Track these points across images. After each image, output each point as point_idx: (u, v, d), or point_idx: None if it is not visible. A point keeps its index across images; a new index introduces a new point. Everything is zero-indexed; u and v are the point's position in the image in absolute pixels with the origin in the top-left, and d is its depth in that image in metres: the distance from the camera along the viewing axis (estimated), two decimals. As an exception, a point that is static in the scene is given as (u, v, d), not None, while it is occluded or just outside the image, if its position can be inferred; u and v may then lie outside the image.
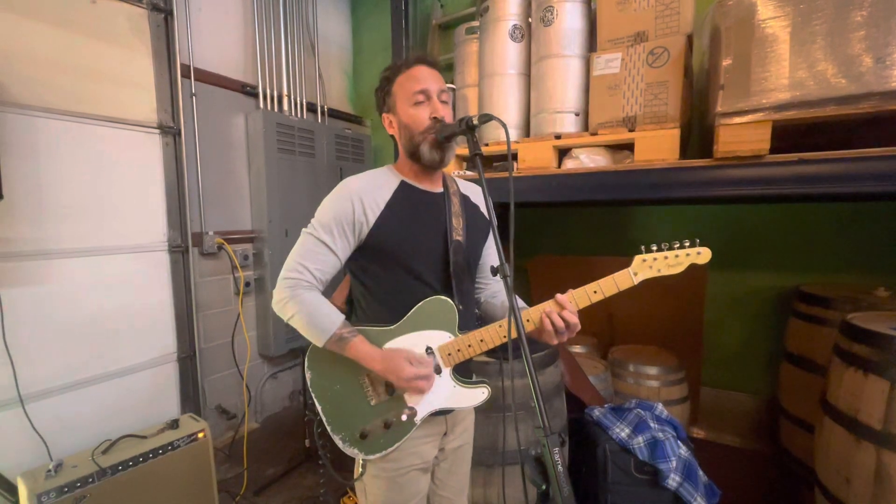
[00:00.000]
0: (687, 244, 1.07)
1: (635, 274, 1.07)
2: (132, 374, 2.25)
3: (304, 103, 3.19)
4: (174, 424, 2.09)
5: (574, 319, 1.04)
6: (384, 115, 1.19)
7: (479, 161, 1.00)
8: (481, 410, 1.57)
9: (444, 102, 1.15)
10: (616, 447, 1.71)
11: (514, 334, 0.87)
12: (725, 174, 1.47)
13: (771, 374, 2.48)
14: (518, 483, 1.57)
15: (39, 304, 1.92)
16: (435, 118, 1.11)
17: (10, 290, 1.81)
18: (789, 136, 1.45)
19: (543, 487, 0.80)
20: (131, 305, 2.25)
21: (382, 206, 1.11)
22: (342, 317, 1.08)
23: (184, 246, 2.47)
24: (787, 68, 1.32)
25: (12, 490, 1.65)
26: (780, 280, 2.43)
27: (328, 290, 1.16)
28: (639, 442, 1.67)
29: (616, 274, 1.07)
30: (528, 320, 1.08)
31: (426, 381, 1.05)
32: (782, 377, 2.28)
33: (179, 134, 2.43)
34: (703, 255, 1.07)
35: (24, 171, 1.85)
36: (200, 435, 2.08)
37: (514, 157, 1.90)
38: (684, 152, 1.77)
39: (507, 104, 1.97)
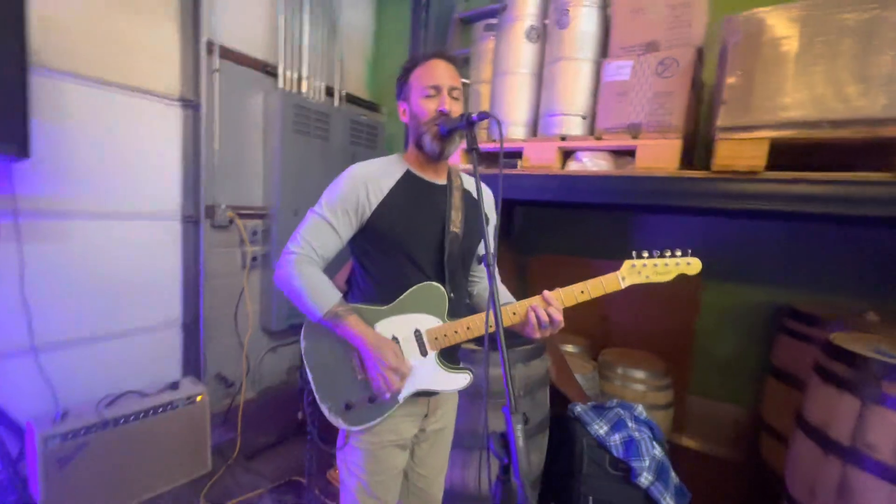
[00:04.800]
0: (679, 254, 1.11)
1: (623, 278, 1.12)
2: (139, 334, 2.35)
3: (323, 87, 3.25)
4: (175, 386, 2.20)
5: (558, 317, 1.10)
6: (400, 102, 1.24)
7: (475, 156, 1.05)
8: (467, 395, 1.64)
9: (454, 98, 1.20)
10: (593, 442, 1.77)
11: (498, 322, 0.92)
12: (721, 188, 1.51)
13: (757, 387, 2.51)
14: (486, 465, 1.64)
15: (57, 261, 2.02)
16: (441, 111, 1.16)
17: (32, 246, 1.91)
18: (793, 155, 1.48)
19: (506, 461, 0.87)
20: (143, 269, 2.34)
21: (386, 192, 1.16)
22: (339, 294, 1.14)
23: (196, 217, 2.55)
24: (789, 88, 1.35)
25: (20, 433, 1.76)
26: (775, 295, 2.46)
27: (332, 271, 1.22)
28: (615, 439, 1.73)
29: (604, 276, 1.12)
30: (514, 313, 1.13)
31: (399, 378, 1.10)
32: (766, 391, 2.32)
33: (200, 108, 2.50)
34: (692, 265, 1.12)
35: (52, 133, 1.94)
36: (199, 398, 2.18)
37: (519, 155, 1.94)
38: (689, 163, 1.81)
39: (517, 102, 2.01)
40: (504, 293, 1.32)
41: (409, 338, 1.16)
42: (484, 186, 1.38)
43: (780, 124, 1.37)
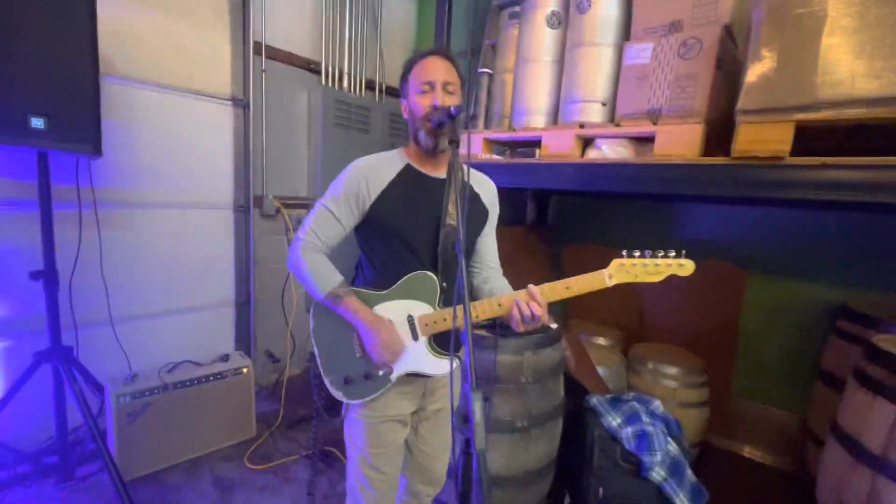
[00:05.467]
0: (672, 254, 1.08)
1: (610, 276, 1.11)
2: (197, 311, 2.65)
3: (364, 80, 3.38)
4: (225, 358, 2.45)
5: (538, 311, 1.12)
6: (402, 100, 1.31)
7: (454, 148, 1.09)
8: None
9: (448, 93, 1.23)
10: (605, 434, 1.75)
11: (466, 312, 0.97)
12: (743, 175, 1.41)
13: (808, 392, 2.32)
14: (493, 448, 1.69)
15: (129, 246, 2.32)
16: (433, 106, 1.21)
17: (108, 233, 2.22)
18: (823, 139, 1.36)
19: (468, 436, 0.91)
20: (200, 254, 2.63)
21: (385, 185, 1.24)
22: (341, 277, 1.25)
23: (246, 206, 2.81)
24: (817, 65, 1.24)
25: (100, 389, 2.07)
26: (828, 293, 2.24)
27: (342, 260, 1.33)
28: (627, 432, 1.70)
29: (590, 273, 1.12)
30: (499, 305, 1.17)
31: (392, 355, 1.18)
32: (814, 397, 2.14)
33: (249, 106, 2.73)
34: (685, 266, 1.09)
35: (122, 133, 2.23)
36: (245, 370, 2.43)
37: (538, 144, 1.93)
38: (718, 148, 1.70)
39: (538, 90, 1.99)
40: (503, 285, 1.35)
41: (403, 322, 1.23)
42: (485, 179, 1.41)
43: (806, 106, 1.26)
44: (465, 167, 1.39)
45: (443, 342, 1.28)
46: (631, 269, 1.10)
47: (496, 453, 1.69)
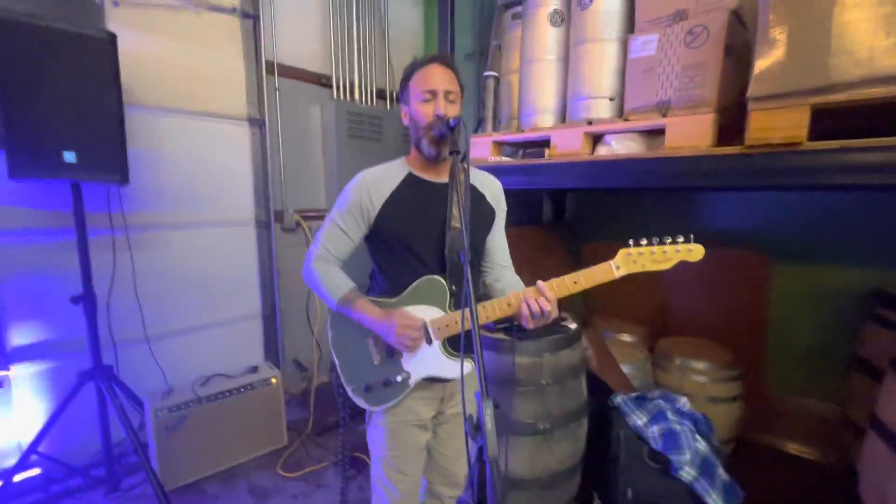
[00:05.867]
0: (680, 240, 1.07)
1: (618, 267, 1.11)
2: (226, 325, 2.75)
3: (375, 90, 3.44)
4: (254, 369, 2.54)
5: (547, 307, 1.12)
6: (402, 106, 1.33)
7: (456, 158, 1.10)
8: (495, 382, 1.70)
9: (450, 102, 1.25)
10: (631, 434, 1.73)
11: (473, 315, 0.98)
12: (758, 164, 1.37)
13: (846, 382, 2.22)
14: (515, 451, 1.69)
15: (160, 266, 2.44)
16: (437, 115, 1.23)
17: (140, 254, 2.33)
18: (840, 121, 1.31)
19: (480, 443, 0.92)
20: (226, 269, 2.73)
21: (388, 195, 1.27)
22: (352, 285, 1.28)
23: (267, 221, 2.90)
24: (831, 45, 1.19)
25: (140, 403, 2.18)
26: (861, 277, 2.13)
27: (356, 270, 1.36)
28: (653, 431, 1.67)
29: (597, 266, 1.12)
30: (509, 304, 1.18)
31: (413, 338, 1.19)
32: (853, 387, 2.04)
33: (265, 125, 2.82)
34: (694, 251, 1.07)
35: (147, 160, 2.34)
36: (273, 380, 2.50)
37: (547, 143, 1.92)
38: (734, 137, 1.66)
39: (544, 90, 1.98)
40: (515, 283, 1.36)
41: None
42: (489, 178, 1.42)
43: (822, 88, 1.21)
44: (466, 169, 1.42)
45: (458, 345, 1.29)
46: (638, 258, 1.08)
47: (519, 456, 1.69)
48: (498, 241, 1.41)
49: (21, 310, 2.06)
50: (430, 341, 1.25)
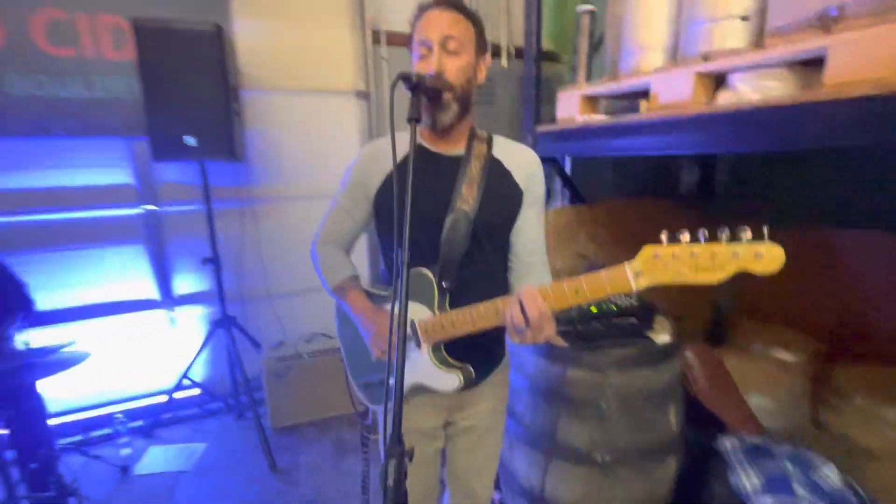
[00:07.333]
0: (746, 235, 0.64)
1: (637, 274, 0.74)
2: (336, 289, 2.99)
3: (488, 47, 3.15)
4: (351, 333, 2.71)
5: (534, 314, 0.83)
6: None
7: (414, 126, 0.87)
8: (539, 392, 1.42)
9: (449, 52, 1.00)
10: (730, 496, 1.25)
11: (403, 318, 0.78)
12: None
13: None
14: (562, 478, 1.39)
15: (279, 233, 2.75)
16: (432, 75, 0.99)
17: (264, 223, 2.67)
18: None
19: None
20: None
21: (389, 171, 1.10)
22: (349, 273, 1.18)
23: (374, 192, 2.99)
24: None
25: (258, 346, 2.55)
26: None
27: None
28: (765, 503, 1.17)
29: (607, 270, 0.77)
30: (497, 310, 0.93)
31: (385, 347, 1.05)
32: None
33: (370, 97, 2.86)
34: (765, 257, 0.63)
35: (263, 138, 2.61)
36: (365, 345, 2.63)
37: (646, 94, 1.43)
38: None
39: (650, 18, 1.46)
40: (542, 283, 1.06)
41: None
42: (522, 150, 1.13)
43: None
44: (499, 141, 1.14)
45: (450, 351, 1.08)
46: (671, 262, 0.69)
47: (567, 486, 1.39)
48: (527, 231, 1.12)
49: (181, 265, 2.58)
50: (418, 344, 1.07)
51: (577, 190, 2.10)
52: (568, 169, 2.27)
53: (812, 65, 1.07)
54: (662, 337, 1.41)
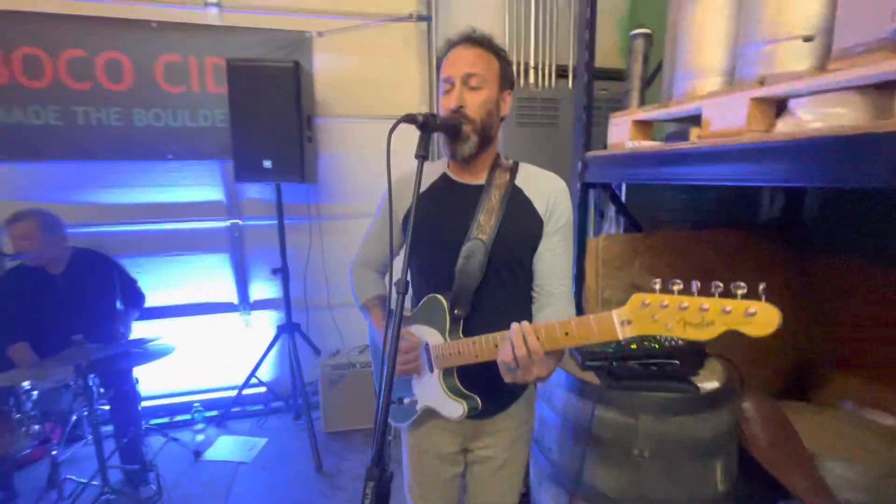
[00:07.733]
0: (741, 291, 0.59)
1: (625, 323, 0.70)
2: (393, 303, 3.12)
3: (554, 68, 3.12)
4: (402, 347, 2.80)
5: (521, 353, 0.82)
6: None
7: (421, 162, 0.92)
8: (567, 430, 1.36)
9: (471, 88, 1.05)
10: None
11: (393, 345, 0.81)
12: None
13: None
14: None
15: (341, 249, 2.94)
16: (452, 110, 1.04)
17: (328, 238, 2.89)
18: None
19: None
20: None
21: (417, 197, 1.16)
22: (376, 292, 1.26)
23: (432, 213, 3.09)
24: None
25: (318, 353, 2.73)
26: None
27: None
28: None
29: (596, 316, 0.74)
30: (496, 345, 0.93)
31: (405, 364, 1.09)
32: None
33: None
34: (757, 318, 0.57)
35: (335, 161, 2.84)
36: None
37: (697, 119, 1.34)
38: None
39: (705, 40, 1.36)
40: (563, 315, 1.05)
41: (422, 351, 1.13)
42: (547, 177, 1.13)
43: None
44: (525, 169, 1.14)
45: (463, 379, 1.08)
46: (659, 312, 0.65)
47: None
48: (549, 261, 1.11)
49: (256, 273, 2.87)
50: (431, 369, 1.10)
51: (633, 217, 2.00)
52: (623, 194, 2.17)
53: (884, 88, 0.94)
54: (710, 383, 1.29)
